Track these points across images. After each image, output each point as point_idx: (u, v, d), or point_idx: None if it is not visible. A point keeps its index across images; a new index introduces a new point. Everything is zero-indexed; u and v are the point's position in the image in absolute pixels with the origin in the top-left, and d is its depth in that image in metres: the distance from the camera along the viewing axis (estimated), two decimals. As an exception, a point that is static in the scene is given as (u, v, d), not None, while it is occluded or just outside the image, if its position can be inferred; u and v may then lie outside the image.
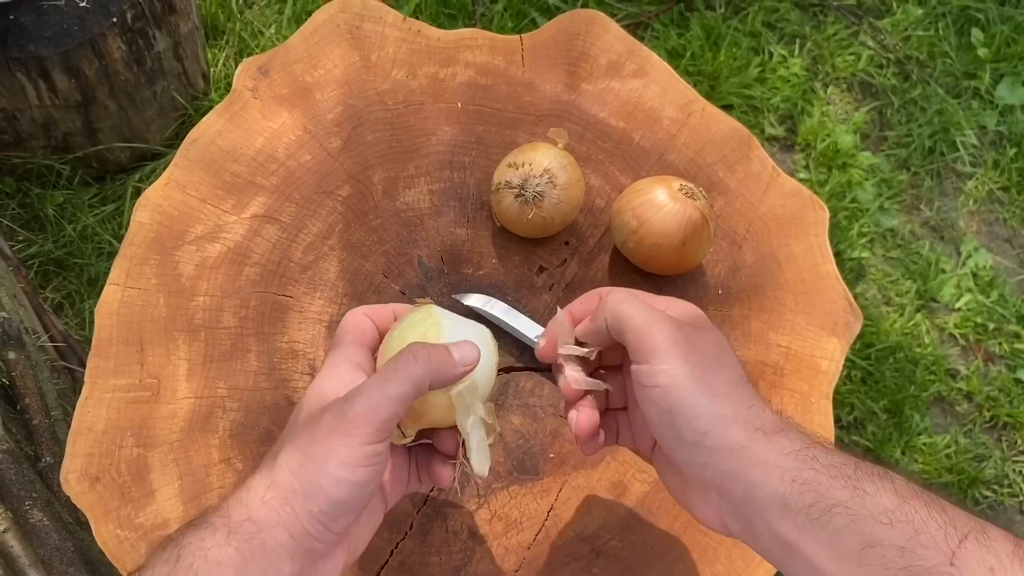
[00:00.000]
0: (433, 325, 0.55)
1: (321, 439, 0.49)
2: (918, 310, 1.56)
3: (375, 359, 0.57)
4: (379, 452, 0.49)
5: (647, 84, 0.87)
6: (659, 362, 0.51)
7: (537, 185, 0.74)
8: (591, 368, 0.60)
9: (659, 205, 0.74)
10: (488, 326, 0.76)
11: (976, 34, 1.79)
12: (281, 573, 0.47)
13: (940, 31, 1.78)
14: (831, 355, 0.77)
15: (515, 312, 0.76)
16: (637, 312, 0.53)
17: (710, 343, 0.53)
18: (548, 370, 0.74)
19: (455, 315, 0.58)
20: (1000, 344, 1.55)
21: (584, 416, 0.57)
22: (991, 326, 1.56)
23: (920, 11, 1.80)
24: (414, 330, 0.55)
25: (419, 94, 0.85)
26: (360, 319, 0.57)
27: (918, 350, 1.52)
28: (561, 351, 0.58)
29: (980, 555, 0.43)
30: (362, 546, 0.54)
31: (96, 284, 1.40)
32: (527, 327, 0.74)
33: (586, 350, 0.58)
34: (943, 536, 0.44)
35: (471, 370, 0.53)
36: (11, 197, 1.44)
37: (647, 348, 0.51)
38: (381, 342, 0.57)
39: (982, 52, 1.76)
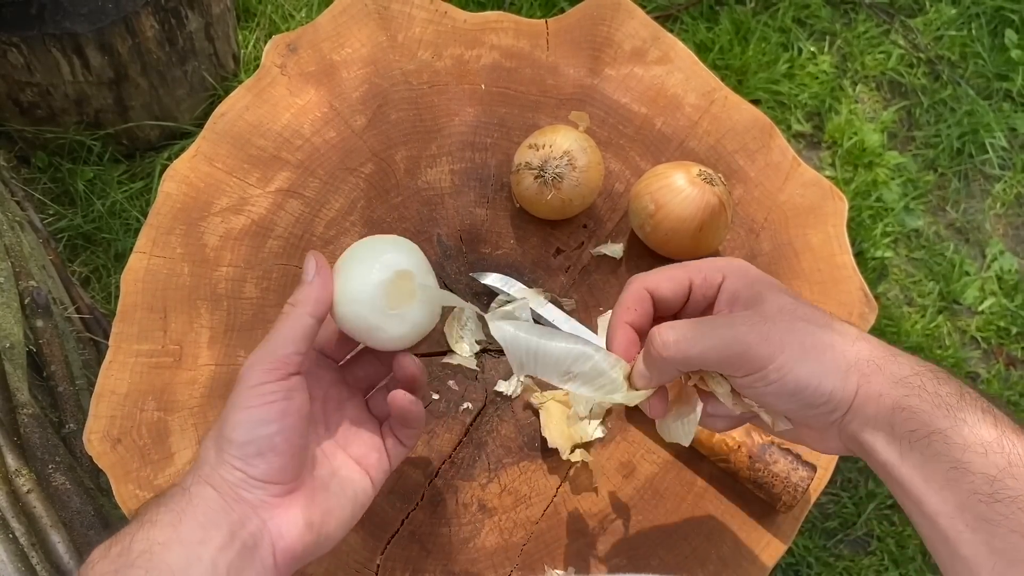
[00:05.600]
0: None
1: (226, 401, 0.53)
2: (940, 312, 1.55)
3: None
4: (272, 390, 0.51)
5: (670, 71, 0.88)
6: (759, 368, 0.51)
7: (556, 167, 0.75)
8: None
9: (677, 190, 0.74)
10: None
11: (1010, 35, 1.76)
12: (218, 524, 0.49)
13: (973, 31, 1.77)
14: (845, 345, 0.77)
15: (531, 292, 0.77)
16: (705, 344, 0.52)
17: (776, 300, 0.53)
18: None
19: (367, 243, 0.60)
20: (1022, 348, 1.53)
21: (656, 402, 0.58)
22: (1014, 330, 1.54)
23: (953, 11, 1.78)
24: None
25: (443, 75, 0.86)
26: None
27: (939, 352, 1.51)
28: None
29: None
30: (337, 511, 0.54)
31: (123, 259, 1.43)
32: (542, 307, 0.75)
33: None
34: None
35: (321, 277, 0.55)
36: (43, 171, 1.47)
37: (740, 365, 0.52)
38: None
39: (1015, 54, 1.74)
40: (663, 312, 0.57)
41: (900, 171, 1.65)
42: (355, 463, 0.57)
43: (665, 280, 0.56)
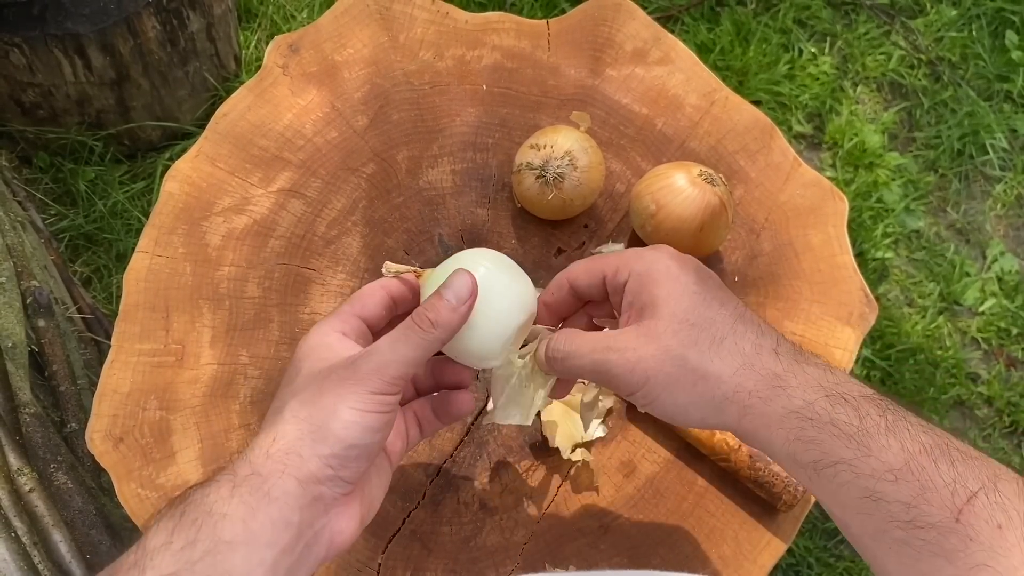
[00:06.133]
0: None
1: (331, 389, 0.49)
2: (940, 313, 1.55)
3: (371, 331, 0.57)
4: (389, 402, 0.50)
5: (671, 72, 0.88)
6: (629, 393, 0.53)
7: (558, 167, 0.75)
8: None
9: (678, 190, 0.75)
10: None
11: (1011, 36, 1.77)
12: (290, 523, 0.47)
13: (974, 33, 1.77)
14: (845, 345, 0.77)
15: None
16: (584, 363, 0.54)
17: (667, 313, 0.52)
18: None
19: (488, 257, 0.57)
20: (1023, 350, 1.53)
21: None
22: (1014, 331, 1.54)
23: (954, 12, 1.79)
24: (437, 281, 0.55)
25: (445, 75, 0.87)
26: (372, 290, 0.57)
27: (939, 353, 1.51)
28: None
29: (988, 512, 0.43)
30: (377, 504, 0.55)
31: (124, 259, 1.43)
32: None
33: None
34: (950, 494, 0.44)
35: (468, 306, 0.53)
36: (45, 172, 1.48)
37: (614, 387, 0.54)
38: (386, 313, 0.57)
39: (1016, 55, 1.75)
40: (591, 299, 0.59)
41: (901, 172, 1.65)
42: (383, 450, 0.56)
43: (583, 272, 0.57)
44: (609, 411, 0.74)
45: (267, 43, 1.59)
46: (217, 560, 0.45)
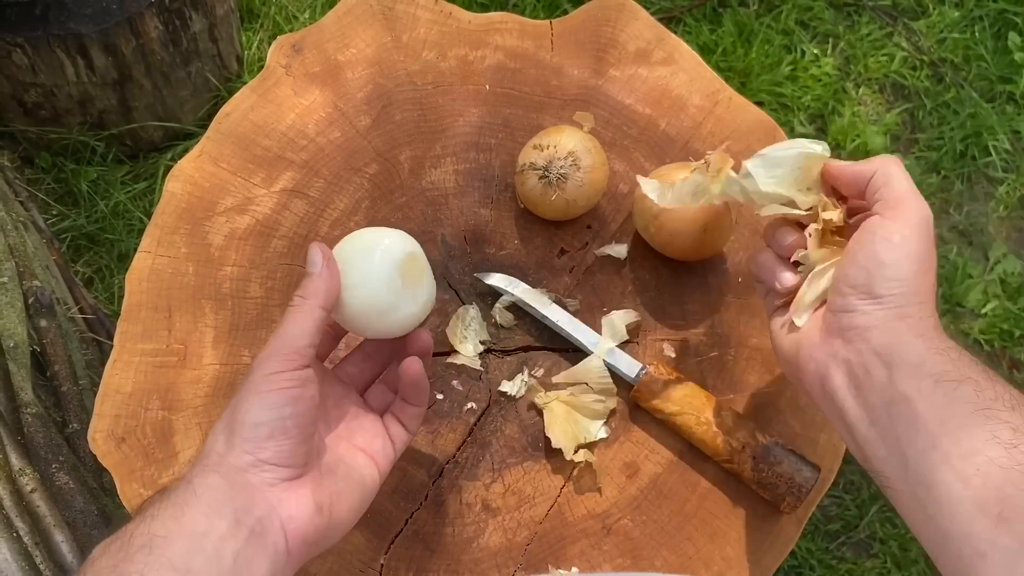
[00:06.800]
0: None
1: (239, 392, 0.53)
2: (943, 315, 1.55)
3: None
4: (289, 378, 0.52)
5: (675, 72, 0.88)
6: (902, 225, 0.55)
7: (561, 167, 0.75)
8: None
9: (682, 191, 0.74)
10: (512, 307, 0.78)
11: (1013, 38, 1.76)
12: (222, 512, 0.48)
13: (976, 34, 1.77)
14: (849, 346, 0.77)
15: (535, 292, 0.77)
16: (902, 180, 0.57)
17: None
18: (565, 350, 0.76)
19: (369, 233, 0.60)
20: (1026, 351, 1.53)
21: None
22: (1017, 333, 1.54)
23: (956, 13, 1.78)
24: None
25: (448, 75, 0.86)
26: None
27: (942, 354, 1.51)
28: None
29: None
30: (346, 495, 0.55)
31: (126, 260, 1.43)
32: (546, 307, 0.75)
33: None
34: None
35: (327, 267, 0.55)
36: (47, 172, 1.48)
37: (898, 210, 0.55)
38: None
39: (1019, 56, 1.74)
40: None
41: (903, 173, 1.64)
42: (360, 451, 0.58)
43: (900, 174, 0.58)
44: (612, 412, 0.73)
45: (269, 43, 1.59)
46: (154, 548, 0.46)
